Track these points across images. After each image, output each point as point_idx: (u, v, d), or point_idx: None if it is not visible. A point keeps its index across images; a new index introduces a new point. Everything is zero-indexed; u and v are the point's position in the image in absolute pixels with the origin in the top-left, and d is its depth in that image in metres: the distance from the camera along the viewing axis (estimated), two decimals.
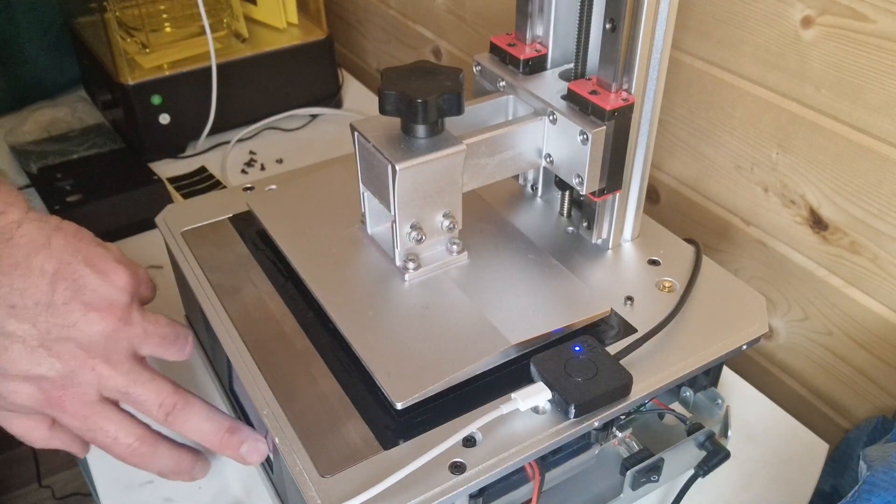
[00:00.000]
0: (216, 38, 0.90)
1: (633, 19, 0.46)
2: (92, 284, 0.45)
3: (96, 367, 0.44)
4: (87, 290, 0.44)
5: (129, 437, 0.46)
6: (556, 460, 0.46)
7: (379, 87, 0.45)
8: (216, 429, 0.48)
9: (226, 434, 0.48)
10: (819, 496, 0.55)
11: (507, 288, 0.49)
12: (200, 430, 0.47)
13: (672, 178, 0.72)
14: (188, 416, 0.47)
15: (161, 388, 0.46)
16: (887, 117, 0.53)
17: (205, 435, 0.48)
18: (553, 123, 0.51)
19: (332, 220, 0.55)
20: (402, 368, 0.44)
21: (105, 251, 0.47)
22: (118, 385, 0.45)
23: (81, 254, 0.45)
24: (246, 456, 0.48)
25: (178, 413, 0.47)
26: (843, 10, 0.53)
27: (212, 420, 0.48)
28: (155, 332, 0.47)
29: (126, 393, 0.46)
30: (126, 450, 0.46)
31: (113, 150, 0.87)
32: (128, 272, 0.47)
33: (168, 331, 0.48)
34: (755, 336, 0.49)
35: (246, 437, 0.48)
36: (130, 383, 0.45)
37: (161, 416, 0.46)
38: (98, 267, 0.45)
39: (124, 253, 0.49)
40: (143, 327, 0.47)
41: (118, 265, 0.46)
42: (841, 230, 0.59)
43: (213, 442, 0.48)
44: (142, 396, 0.46)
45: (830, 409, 0.65)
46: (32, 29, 0.97)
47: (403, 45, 1.08)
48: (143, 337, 0.47)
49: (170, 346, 0.49)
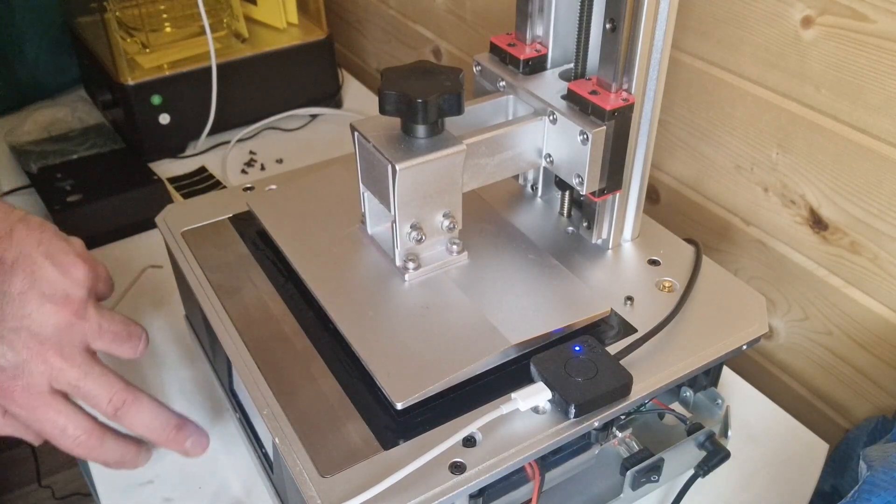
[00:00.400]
0: (216, 38, 0.90)
1: (633, 19, 0.46)
2: (50, 277, 0.45)
3: (49, 359, 0.45)
4: (45, 281, 0.45)
5: (77, 430, 0.46)
6: (556, 460, 0.46)
7: (379, 87, 0.45)
8: (164, 425, 0.49)
9: (173, 430, 0.49)
10: (819, 496, 0.55)
11: (507, 288, 0.49)
12: (149, 426, 0.48)
13: (672, 178, 0.72)
14: (137, 412, 0.48)
15: (112, 384, 0.47)
16: (887, 117, 0.53)
17: (153, 430, 0.48)
18: (553, 123, 0.51)
19: (332, 220, 0.55)
20: (402, 368, 0.44)
21: (66, 245, 0.48)
22: (70, 378, 0.45)
23: (42, 246, 0.46)
24: (190, 450, 0.50)
25: (127, 409, 0.47)
26: (843, 10, 0.53)
27: (160, 416, 0.49)
28: (109, 328, 0.48)
29: (77, 386, 0.46)
30: (73, 441, 0.47)
31: (113, 150, 0.87)
32: (87, 267, 0.47)
33: (121, 328, 0.49)
34: (755, 336, 0.49)
35: (191, 433, 0.50)
36: (82, 377, 0.46)
37: (111, 410, 0.47)
38: (57, 260, 0.46)
39: (94, 252, 0.49)
40: (98, 323, 0.47)
41: (78, 259, 0.47)
42: (841, 230, 0.59)
43: (160, 437, 0.49)
44: (92, 391, 0.46)
45: (830, 409, 0.65)
46: (32, 29, 0.97)
47: (403, 45, 1.08)
48: (97, 332, 0.47)
49: (123, 344, 0.49)
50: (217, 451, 0.56)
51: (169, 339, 0.66)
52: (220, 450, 0.57)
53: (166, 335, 0.66)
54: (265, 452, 0.51)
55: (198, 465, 0.55)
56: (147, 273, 0.73)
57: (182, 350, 0.65)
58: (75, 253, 0.47)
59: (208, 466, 0.55)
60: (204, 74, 0.88)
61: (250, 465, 0.55)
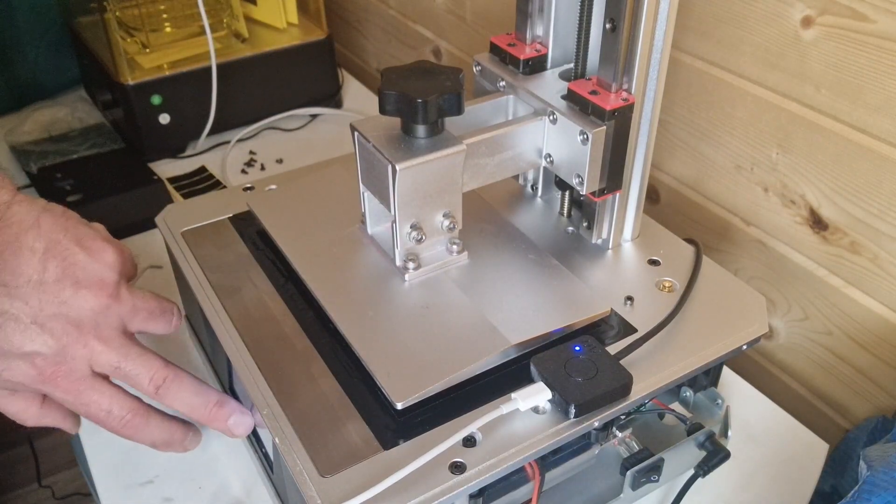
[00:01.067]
0: (216, 38, 0.90)
1: (633, 19, 0.46)
2: (82, 262, 0.46)
3: (88, 343, 0.45)
4: (78, 267, 0.46)
5: (123, 410, 0.47)
6: (556, 460, 0.46)
7: (379, 87, 0.45)
8: (205, 402, 0.49)
9: (214, 407, 0.49)
10: (819, 496, 0.55)
11: (507, 288, 0.49)
12: (190, 403, 0.49)
13: (672, 178, 0.72)
14: (178, 389, 0.48)
15: (151, 363, 0.47)
16: (887, 117, 0.53)
17: (194, 408, 0.49)
18: (553, 123, 0.51)
19: (332, 220, 0.55)
20: (402, 368, 0.44)
21: (92, 230, 0.48)
22: (110, 360, 0.46)
23: (70, 233, 0.47)
24: (233, 428, 0.50)
25: (168, 387, 0.48)
26: (843, 10, 0.53)
27: (201, 394, 0.49)
28: (143, 306, 0.48)
29: (118, 367, 0.46)
30: (119, 422, 0.47)
31: (113, 150, 0.87)
32: (115, 250, 0.48)
33: (155, 305, 0.49)
34: (755, 336, 0.49)
35: (233, 410, 0.50)
36: (122, 358, 0.46)
37: (152, 389, 0.47)
38: (87, 245, 0.47)
39: None
40: (132, 303, 0.48)
41: (106, 243, 0.48)
42: (841, 230, 0.59)
43: (202, 415, 0.49)
44: (133, 371, 0.47)
45: (830, 409, 0.65)
46: (32, 29, 0.97)
47: (403, 45, 1.08)
48: (132, 312, 0.48)
49: (157, 320, 0.50)
50: (217, 451, 0.57)
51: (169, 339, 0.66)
52: (220, 450, 0.57)
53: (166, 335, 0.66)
54: (265, 452, 0.51)
55: (198, 465, 0.56)
56: (147, 273, 0.73)
57: (182, 350, 0.65)
58: (102, 238, 0.48)
59: (208, 466, 0.55)
60: (204, 74, 0.88)
61: (250, 465, 0.55)
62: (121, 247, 0.49)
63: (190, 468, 0.55)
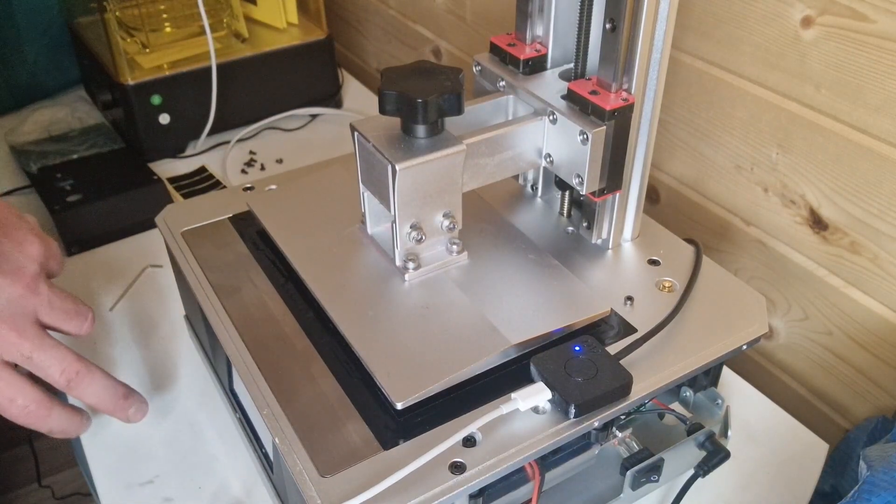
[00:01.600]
0: (216, 38, 0.90)
1: (633, 19, 0.46)
2: (4, 250, 0.46)
3: (1, 331, 0.45)
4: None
5: (27, 400, 0.47)
6: (556, 460, 0.46)
7: (379, 87, 0.45)
8: (113, 395, 0.51)
9: (121, 399, 0.51)
10: (819, 496, 0.55)
11: (507, 288, 0.49)
12: (99, 395, 0.50)
13: (672, 178, 0.72)
14: (90, 383, 0.49)
15: (64, 356, 0.48)
16: (887, 117, 0.53)
17: (103, 400, 0.51)
18: (553, 123, 0.51)
19: (332, 220, 0.55)
20: (402, 368, 0.44)
21: (20, 221, 0.49)
22: (23, 349, 0.46)
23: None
24: (132, 417, 0.52)
25: (80, 380, 0.49)
26: (843, 10, 0.53)
27: (109, 387, 0.51)
28: (60, 305, 0.49)
29: (29, 358, 0.47)
30: (22, 411, 0.48)
31: (113, 150, 0.87)
32: (40, 243, 0.49)
33: (71, 306, 0.50)
34: (755, 336, 0.49)
35: (135, 401, 0.52)
36: (35, 349, 0.47)
37: (63, 382, 0.48)
38: (11, 234, 0.47)
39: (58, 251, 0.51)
40: (49, 298, 0.48)
41: (31, 235, 0.48)
42: (841, 230, 0.59)
43: (108, 405, 0.51)
44: (45, 362, 0.47)
45: (830, 409, 0.65)
46: (32, 29, 0.97)
47: (403, 45, 1.08)
48: (47, 307, 0.48)
49: (71, 320, 0.50)
50: (217, 451, 0.57)
51: (169, 339, 0.66)
52: (220, 450, 0.57)
53: (166, 335, 0.66)
54: (265, 452, 0.51)
55: (198, 465, 0.56)
56: (147, 273, 0.73)
57: (182, 350, 0.65)
58: (29, 229, 0.49)
59: (208, 466, 0.55)
60: (204, 74, 0.88)
61: (250, 465, 0.55)
62: (48, 241, 0.50)
63: (190, 468, 0.55)
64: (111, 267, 0.74)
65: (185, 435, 0.58)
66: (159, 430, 0.58)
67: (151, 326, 0.67)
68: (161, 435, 0.58)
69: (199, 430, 0.58)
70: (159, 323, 0.67)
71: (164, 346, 0.65)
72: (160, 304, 0.69)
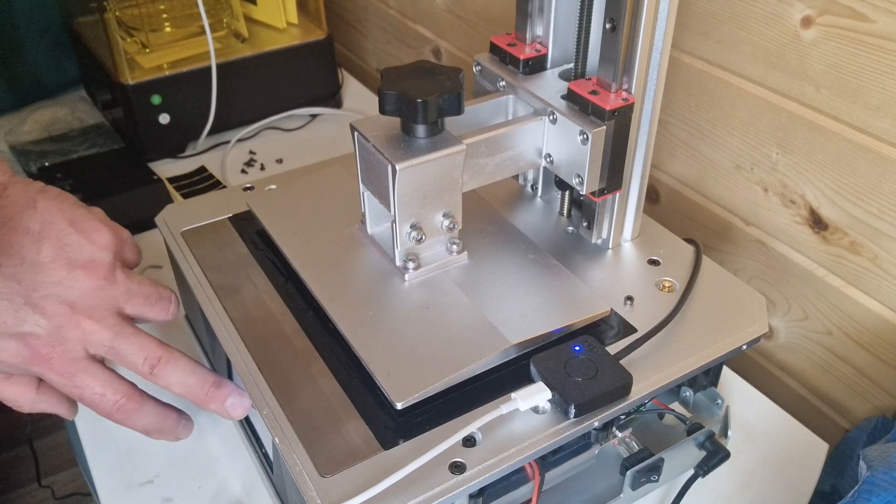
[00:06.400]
0: (216, 38, 0.90)
1: (633, 19, 0.46)
2: (76, 243, 0.46)
3: (81, 323, 0.45)
4: (72, 248, 0.46)
5: (117, 394, 0.47)
6: (556, 460, 0.46)
7: (379, 87, 0.45)
8: (202, 382, 0.48)
9: (211, 388, 0.48)
10: (819, 496, 0.55)
11: (507, 288, 0.49)
12: (186, 383, 0.48)
13: (672, 178, 0.72)
14: (173, 369, 0.47)
15: (146, 343, 0.47)
16: (887, 117, 0.53)
17: (190, 388, 0.48)
18: (553, 123, 0.51)
19: (332, 220, 0.55)
20: (402, 368, 0.44)
21: (88, 213, 0.48)
22: (103, 340, 0.46)
23: (65, 214, 0.47)
24: (230, 410, 0.49)
25: (163, 366, 0.47)
26: (843, 10, 0.53)
27: (197, 374, 0.48)
28: (138, 291, 0.48)
29: (111, 347, 0.46)
30: (113, 406, 0.47)
31: (113, 150, 0.87)
32: (111, 233, 0.48)
33: (151, 290, 0.49)
34: (755, 336, 0.49)
35: (231, 391, 0.49)
36: (115, 337, 0.46)
37: (146, 369, 0.47)
38: (81, 227, 0.47)
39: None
40: (127, 286, 0.47)
41: (101, 225, 0.48)
42: (841, 230, 0.59)
43: (198, 395, 0.48)
44: (126, 350, 0.46)
45: (830, 409, 0.65)
46: (32, 29, 0.97)
47: (403, 45, 1.08)
48: (126, 296, 0.47)
49: (153, 306, 0.49)
50: (217, 451, 0.57)
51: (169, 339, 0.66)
52: (220, 450, 0.57)
53: (166, 335, 0.66)
54: (265, 452, 0.51)
55: (198, 465, 0.56)
56: (147, 273, 0.73)
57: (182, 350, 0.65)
58: (98, 220, 0.48)
59: (208, 466, 0.55)
60: (204, 74, 0.88)
61: (250, 465, 0.55)
62: (118, 230, 0.49)
63: (190, 468, 0.55)
64: None
65: None
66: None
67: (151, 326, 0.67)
68: None
69: (200, 430, 0.58)
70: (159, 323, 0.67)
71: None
72: None
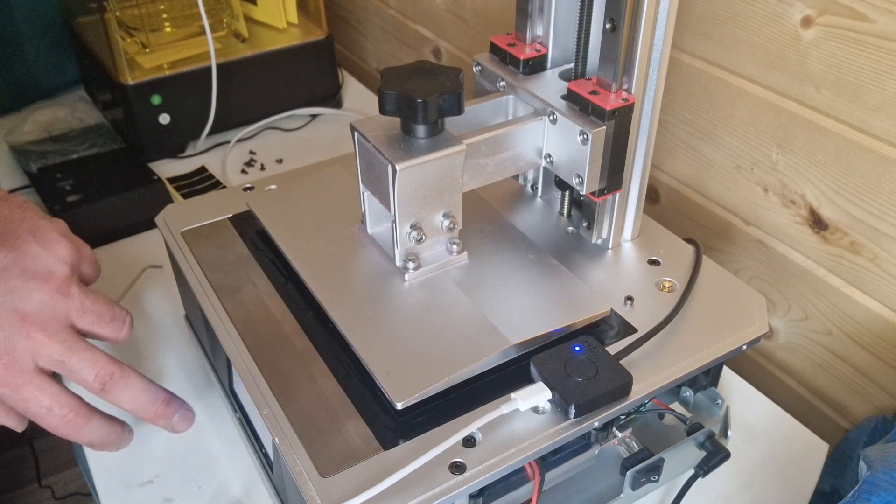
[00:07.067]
0: (216, 38, 0.90)
1: (633, 19, 0.46)
2: (33, 252, 0.45)
3: (32, 335, 0.44)
4: (28, 257, 0.45)
5: (64, 409, 0.46)
6: (556, 460, 0.46)
7: (379, 87, 0.45)
8: (153, 400, 0.48)
9: (161, 405, 0.49)
10: (819, 496, 0.55)
11: (507, 288, 0.49)
12: (136, 400, 0.48)
13: (672, 178, 0.72)
14: (125, 387, 0.47)
15: (98, 359, 0.46)
16: (887, 117, 0.53)
17: (141, 405, 0.48)
18: (553, 123, 0.51)
19: (332, 220, 0.55)
20: (402, 368, 0.44)
21: (50, 223, 0.48)
22: (54, 353, 0.45)
23: (26, 223, 0.46)
24: (176, 425, 0.50)
25: (115, 383, 0.47)
26: (842, 10, 0.53)
27: (148, 392, 0.48)
28: (92, 308, 0.47)
29: (62, 362, 0.45)
30: (60, 420, 0.46)
31: (113, 150, 0.87)
32: (70, 245, 0.47)
33: (105, 309, 0.48)
34: (755, 336, 0.49)
35: (178, 408, 0.49)
36: (66, 352, 0.45)
37: (97, 386, 0.46)
38: (41, 237, 0.46)
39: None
40: (81, 301, 0.47)
41: (61, 237, 0.47)
42: (841, 230, 0.59)
43: (147, 412, 0.48)
44: (77, 366, 0.46)
45: (830, 409, 0.65)
46: (32, 29, 0.97)
47: (403, 45, 1.08)
48: (80, 311, 0.47)
49: (105, 326, 0.48)
50: (217, 451, 0.57)
51: (169, 339, 0.66)
52: (220, 450, 0.57)
53: (166, 335, 0.66)
54: (265, 452, 0.51)
55: (198, 465, 0.56)
56: (147, 273, 0.73)
57: (182, 350, 0.65)
58: (58, 231, 0.47)
59: (208, 466, 0.55)
60: (204, 74, 0.88)
61: (250, 465, 0.55)
62: (79, 244, 0.49)
63: (190, 468, 0.55)
64: (111, 267, 0.74)
65: (185, 435, 0.57)
66: (159, 430, 0.58)
67: (151, 327, 0.67)
68: (161, 435, 0.58)
69: (199, 430, 0.58)
70: (159, 323, 0.67)
71: (164, 346, 0.65)
72: (160, 304, 0.69)
